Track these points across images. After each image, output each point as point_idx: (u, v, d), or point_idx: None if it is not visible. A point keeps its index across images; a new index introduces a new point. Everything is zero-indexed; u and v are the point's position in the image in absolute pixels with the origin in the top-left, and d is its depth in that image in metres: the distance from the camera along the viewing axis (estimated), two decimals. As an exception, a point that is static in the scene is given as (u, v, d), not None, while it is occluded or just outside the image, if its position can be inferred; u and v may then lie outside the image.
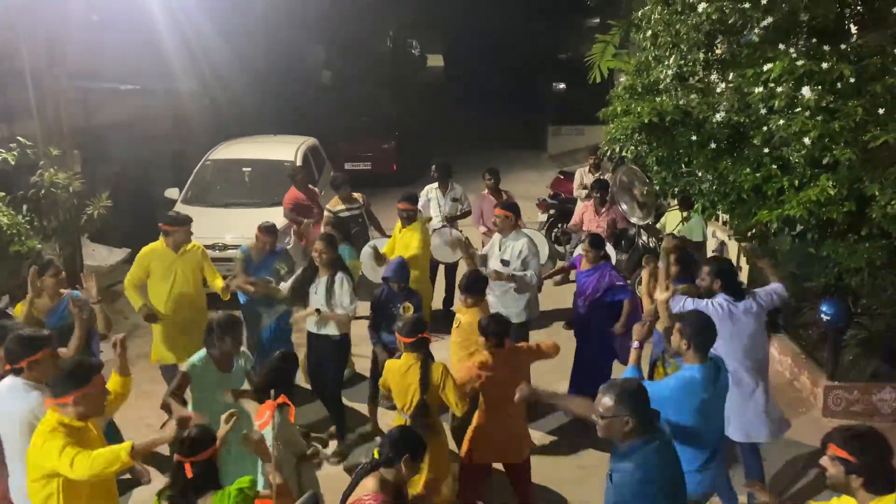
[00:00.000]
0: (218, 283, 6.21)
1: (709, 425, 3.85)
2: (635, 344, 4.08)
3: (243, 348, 4.71)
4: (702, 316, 3.99)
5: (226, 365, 4.48)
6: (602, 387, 3.21)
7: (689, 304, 4.60)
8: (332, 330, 5.71)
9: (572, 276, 6.77)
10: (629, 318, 5.88)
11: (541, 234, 8.72)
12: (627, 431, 3.10)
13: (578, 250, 6.64)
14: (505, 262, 6.24)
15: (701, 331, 3.83)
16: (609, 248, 7.72)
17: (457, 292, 7.25)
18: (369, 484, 3.23)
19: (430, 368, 4.43)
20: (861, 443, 2.72)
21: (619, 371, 5.88)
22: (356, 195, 8.34)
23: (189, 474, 3.11)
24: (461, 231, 8.28)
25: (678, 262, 5.22)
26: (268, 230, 6.49)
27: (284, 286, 5.98)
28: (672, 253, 5.06)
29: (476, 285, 5.33)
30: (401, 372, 4.47)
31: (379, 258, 6.93)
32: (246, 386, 4.50)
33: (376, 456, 3.27)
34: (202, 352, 4.46)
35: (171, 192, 9.89)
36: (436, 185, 8.38)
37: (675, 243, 5.52)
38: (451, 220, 8.22)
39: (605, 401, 3.12)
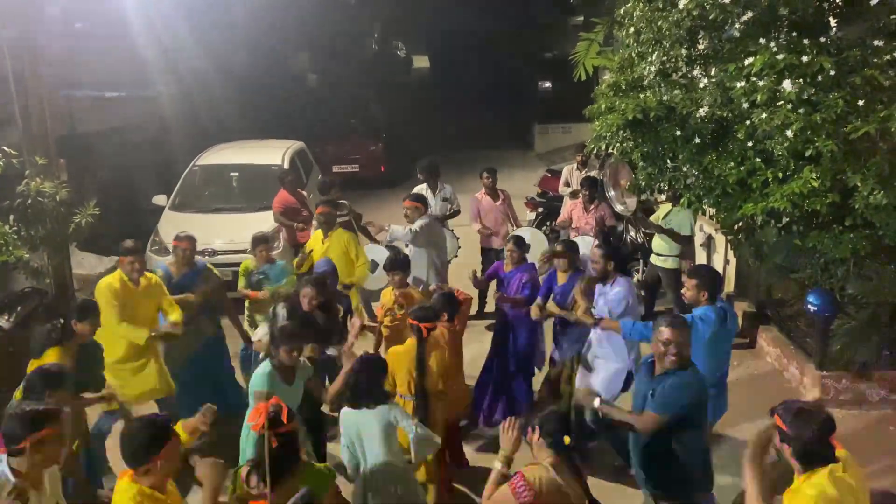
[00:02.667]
0: (175, 317, 5.70)
1: (712, 361, 4.69)
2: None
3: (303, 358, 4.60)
4: (710, 269, 5.29)
5: (289, 377, 4.43)
6: (661, 318, 3.98)
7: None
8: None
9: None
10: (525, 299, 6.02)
11: (539, 231, 8.77)
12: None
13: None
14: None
15: (711, 280, 4.85)
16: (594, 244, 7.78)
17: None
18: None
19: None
20: (798, 417, 2.97)
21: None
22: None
23: (273, 443, 3.20)
24: (452, 230, 8.32)
25: (565, 255, 5.90)
26: (188, 238, 6.17)
27: (261, 334, 5.41)
28: (559, 249, 5.98)
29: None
30: (410, 356, 4.73)
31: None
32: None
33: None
34: (267, 365, 4.34)
35: (159, 199, 9.86)
36: (425, 185, 8.40)
37: (559, 249, 6.07)
38: (441, 220, 8.24)
39: (665, 331, 3.87)
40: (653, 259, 7.76)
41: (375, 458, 4.12)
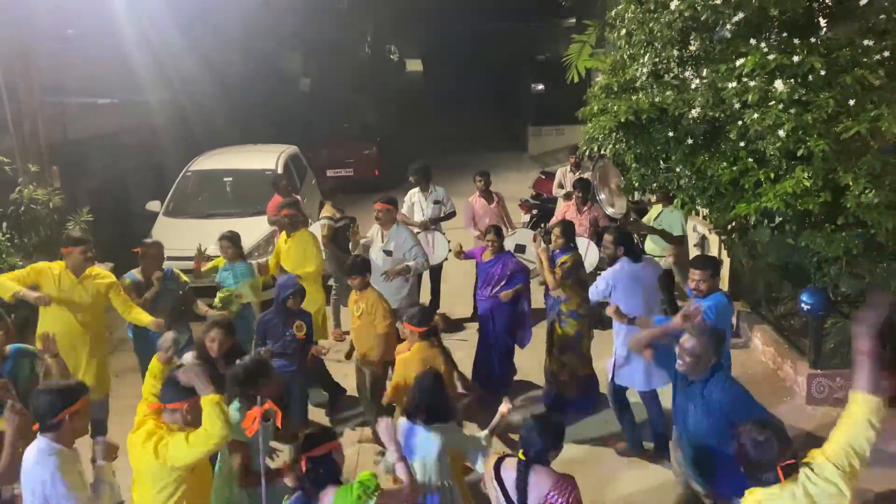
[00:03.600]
0: (141, 318, 5.55)
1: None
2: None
3: None
4: (710, 256, 5.70)
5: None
6: (688, 330, 3.93)
7: (601, 281, 5.55)
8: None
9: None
10: (520, 296, 6.52)
11: (533, 232, 8.77)
12: (711, 365, 3.90)
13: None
14: (388, 253, 6.79)
15: (716, 266, 5.10)
16: (592, 246, 7.81)
17: (442, 293, 7.41)
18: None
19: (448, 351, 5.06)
20: (746, 436, 3.03)
21: (520, 358, 6.72)
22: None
23: (303, 469, 3.25)
24: (444, 234, 8.32)
25: (563, 235, 6.30)
26: (155, 244, 6.11)
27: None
28: (557, 228, 6.37)
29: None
30: (427, 362, 4.71)
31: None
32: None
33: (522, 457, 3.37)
34: (236, 403, 4.18)
35: (153, 205, 9.84)
36: (418, 189, 8.40)
37: (557, 225, 6.49)
38: (434, 223, 8.25)
39: (692, 343, 3.83)
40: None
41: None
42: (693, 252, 9.62)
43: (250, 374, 4.10)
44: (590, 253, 7.71)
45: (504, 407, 4.18)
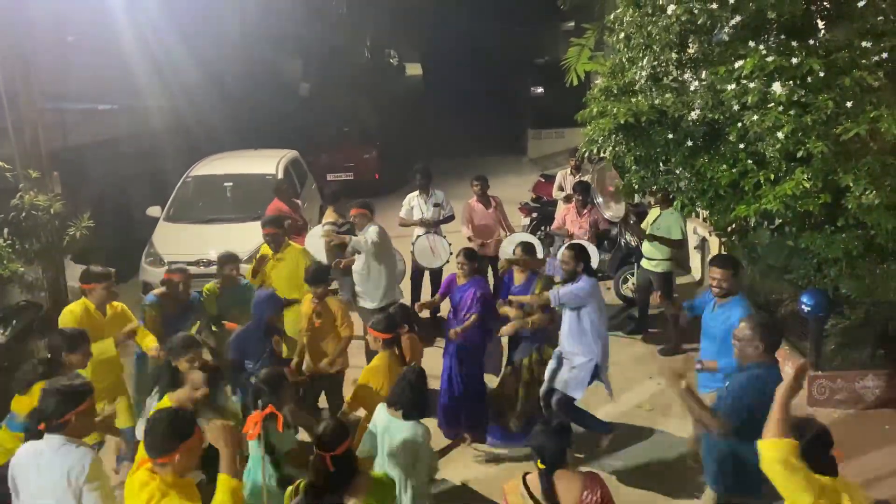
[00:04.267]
0: (149, 343, 5.35)
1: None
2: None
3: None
4: (734, 258, 5.28)
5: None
6: (745, 318, 4.03)
7: (564, 290, 5.51)
8: None
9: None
10: (483, 321, 5.99)
11: (533, 237, 8.78)
12: (757, 354, 3.95)
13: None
14: (357, 252, 6.90)
15: (738, 268, 5.00)
16: (592, 248, 7.81)
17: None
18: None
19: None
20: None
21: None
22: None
23: (331, 468, 3.25)
24: (445, 237, 8.34)
25: (526, 253, 6.09)
26: (180, 271, 5.86)
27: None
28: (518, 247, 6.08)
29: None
30: (395, 370, 4.65)
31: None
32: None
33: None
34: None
35: (153, 210, 9.86)
36: (417, 192, 8.42)
37: (516, 254, 6.12)
38: (434, 226, 8.27)
39: (746, 331, 3.92)
40: (644, 263, 7.78)
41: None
42: (693, 255, 9.65)
43: (273, 382, 4.08)
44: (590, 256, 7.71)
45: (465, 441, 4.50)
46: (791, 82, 5.18)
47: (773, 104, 5.18)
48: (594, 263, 7.66)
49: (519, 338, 5.98)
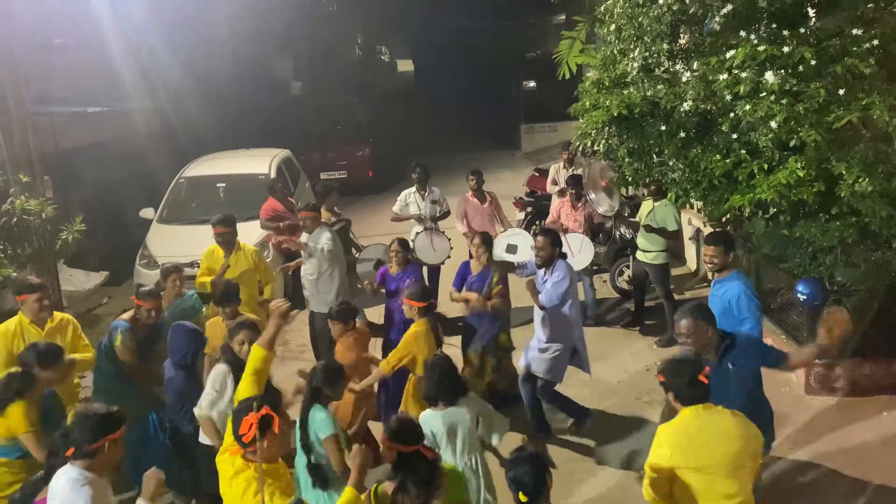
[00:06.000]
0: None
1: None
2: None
3: None
4: (726, 234, 5.33)
5: None
6: (678, 313, 4.06)
7: (552, 293, 5.53)
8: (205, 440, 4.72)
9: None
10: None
11: (526, 232, 8.77)
12: (710, 337, 4.00)
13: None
14: (311, 255, 6.83)
15: (732, 241, 4.98)
16: (588, 242, 7.81)
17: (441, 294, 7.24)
18: None
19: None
20: (669, 368, 3.49)
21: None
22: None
23: (430, 455, 3.30)
24: (443, 232, 8.33)
25: (484, 244, 6.36)
26: (151, 296, 5.31)
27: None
28: (478, 238, 6.42)
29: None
30: (428, 337, 5.12)
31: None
32: None
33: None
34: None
35: (146, 213, 9.81)
36: (414, 189, 8.40)
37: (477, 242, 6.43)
38: (432, 222, 8.25)
39: (684, 323, 3.96)
40: (638, 255, 7.78)
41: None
42: (688, 246, 9.65)
43: (329, 376, 4.13)
44: (584, 249, 7.70)
45: None
46: (783, 71, 5.17)
47: (765, 93, 5.17)
48: (588, 257, 7.69)
49: (475, 325, 6.24)
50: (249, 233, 8.93)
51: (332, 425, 3.97)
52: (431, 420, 4.17)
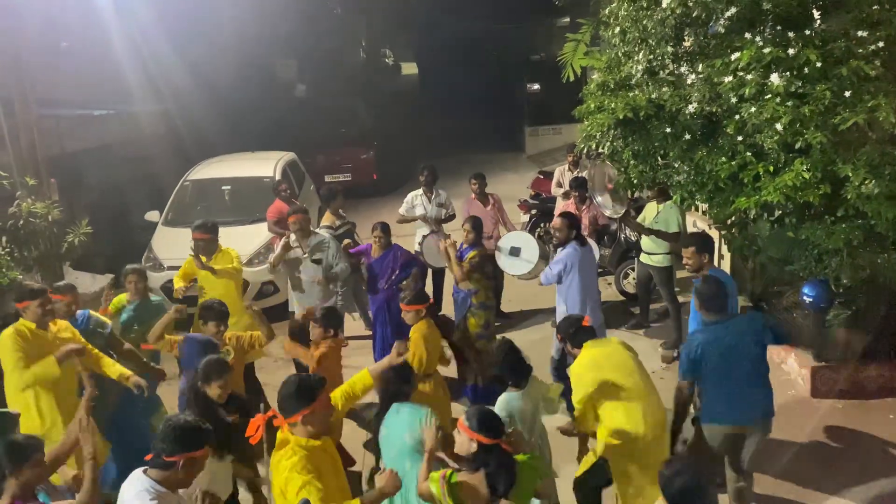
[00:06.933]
0: (114, 371, 4.98)
1: None
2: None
3: None
4: (700, 233, 6.17)
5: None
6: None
7: (557, 264, 6.11)
8: None
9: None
10: (416, 283, 6.59)
11: (531, 235, 8.75)
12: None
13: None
14: (317, 262, 6.81)
15: (705, 242, 5.26)
16: (593, 244, 7.79)
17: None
18: None
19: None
20: (560, 325, 4.64)
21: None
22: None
23: (509, 449, 3.32)
24: (449, 235, 8.33)
25: (473, 230, 6.74)
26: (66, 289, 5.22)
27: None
28: (467, 223, 6.78)
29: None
30: (433, 335, 5.30)
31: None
32: None
33: None
34: None
35: (152, 215, 9.84)
36: (420, 191, 8.41)
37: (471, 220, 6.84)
38: (438, 225, 8.25)
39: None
40: (643, 258, 7.77)
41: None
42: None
43: (400, 376, 4.23)
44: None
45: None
46: (788, 73, 5.16)
47: (770, 96, 5.16)
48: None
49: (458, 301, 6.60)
50: (255, 235, 8.97)
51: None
52: (512, 401, 4.27)
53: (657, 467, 3.21)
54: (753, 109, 5.21)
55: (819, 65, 5.12)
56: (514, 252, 7.42)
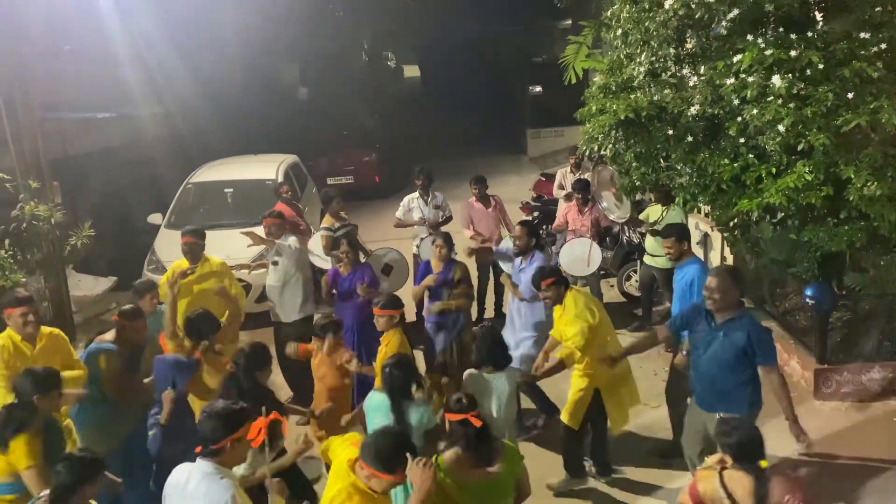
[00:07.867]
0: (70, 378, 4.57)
1: None
2: None
3: None
4: (678, 223, 6.22)
5: None
6: (712, 271, 4.62)
7: (528, 273, 5.87)
8: None
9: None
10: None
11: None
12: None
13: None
14: (275, 263, 6.82)
15: (683, 230, 5.55)
16: (595, 247, 7.79)
17: None
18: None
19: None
20: (537, 275, 5.31)
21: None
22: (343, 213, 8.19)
23: (477, 423, 3.51)
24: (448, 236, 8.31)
25: (446, 245, 6.44)
26: (136, 314, 4.96)
27: None
28: (439, 239, 6.48)
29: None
30: (405, 343, 5.19)
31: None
32: None
33: None
34: None
35: (155, 218, 9.85)
36: (416, 194, 8.40)
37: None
38: (435, 228, 8.24)
39: (715, 281, 4.37)
40: (646, 259, 7.76)
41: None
42: (696, 250, 9.61)
43: (405, 367, 4.28)
44: (593, 253, 7.69)
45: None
46: (790, 75, 5.15)
47: (772, 97, 5.16)
48: (596, 262, 7.68)
49: (440, 326, 6.34)
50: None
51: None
52: (473, 380, 4.58)
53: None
54: (756, 111, 5.21)
55: (821, 67, 5.12)
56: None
